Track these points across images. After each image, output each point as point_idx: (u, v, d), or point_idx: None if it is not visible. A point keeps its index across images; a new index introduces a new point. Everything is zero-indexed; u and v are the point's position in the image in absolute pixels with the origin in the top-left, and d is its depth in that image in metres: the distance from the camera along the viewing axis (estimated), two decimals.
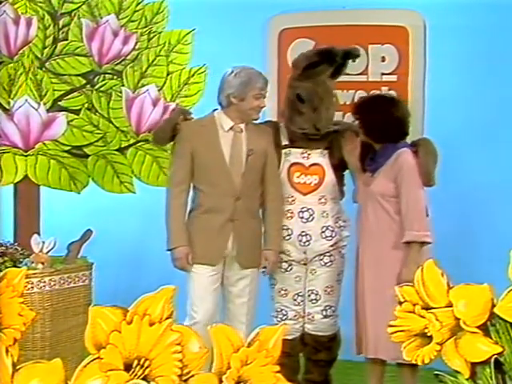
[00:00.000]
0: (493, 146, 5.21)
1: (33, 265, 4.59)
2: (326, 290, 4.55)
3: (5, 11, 4.77)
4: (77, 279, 4.78)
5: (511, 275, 3.00)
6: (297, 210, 4.50)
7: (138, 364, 2.80)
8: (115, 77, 5.05)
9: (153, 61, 5.09)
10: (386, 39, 5.39)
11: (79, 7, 4.97)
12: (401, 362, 4.07)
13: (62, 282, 4.68)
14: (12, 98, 4.81)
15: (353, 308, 4.47)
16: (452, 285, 3.09)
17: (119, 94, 4.98)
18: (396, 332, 3.12)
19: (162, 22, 5.13)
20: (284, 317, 4.56)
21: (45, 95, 4.90)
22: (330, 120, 4.52)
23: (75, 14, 4.96)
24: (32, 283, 4.52)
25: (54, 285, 4.64)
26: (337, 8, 5.45)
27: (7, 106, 4.82)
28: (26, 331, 3.21)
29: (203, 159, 4.31)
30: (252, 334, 2.92)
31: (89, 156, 5.04)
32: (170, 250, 4.34)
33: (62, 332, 4.68)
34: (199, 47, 5.14)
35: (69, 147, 4.97)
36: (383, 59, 5.42)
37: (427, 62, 5.34)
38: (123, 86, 4.99)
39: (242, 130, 4.36)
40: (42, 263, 4.61)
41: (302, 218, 4.50)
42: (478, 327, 3.03)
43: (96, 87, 5.02)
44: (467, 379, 3.04)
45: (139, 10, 5.09)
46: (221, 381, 2.86)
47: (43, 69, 4.92)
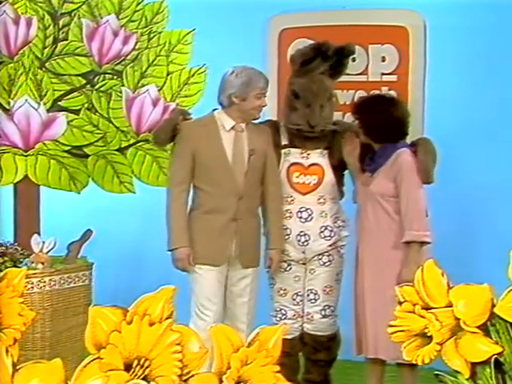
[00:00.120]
0: (493, 145, 5.21)
1: (33, 265, 4.59)
2: (324, 290, 4.56)
3: (5, 11, 4.77)
4: (77, 279, 4.78)
5: (511, 275, 3.00)
6: (295, 210, 4.50)
7: (137, 364, 2.80)
8: (115, 77, 5.05)
9: (153, 61, 5.09)
10: (385, 39, 5.40)
11: (79, 7, 4.97)
12: (401, 362, 4.07)
13: (62, 281, 4.69)
14: (12, 98, 4.81)
15: (352, 308, 4.47)
16: (452, 285, 3.09)
17: (119, 94, 4.98)
18: (396, 332, 3.12)
19: (162, 21, 5.13)
20: (283, 316, 4.56)
21: (45, 95, 4.90)
22: (325, 118, 4.50)
23: (75, 14, 4.96)
24: (32, 283, 4.52)
25: (54, 285, 4.65)
26: (337, 8, 5.45)
27: (7, 106, 4.82)
28: (26, 331, 3.21)
29: (205, 159, 4.30)
30: (252, 334, 2.92)
31: (89, 156, 5.04)
32: (170, 250, 4.34)
33: (62, 332, 4.69)
34: (199, 47, 5.14)
35: (69, 147, 4.97)
36: (383, 59, 5.42)
37: (427, 62, 5.35)
38: (123, 86, 4.99)
39: (243, 129, 4.36)
40: (42, 263, 4.61)
41: (300, 217, 4.50)
42: (478, 327, 3.03)
43: (96, 87, 5.02)
44: (467, 379, 3.04)
45: (139, 10, 5.09)
46: (221, 381, 2.86)
47: (43, 69, 4.92)
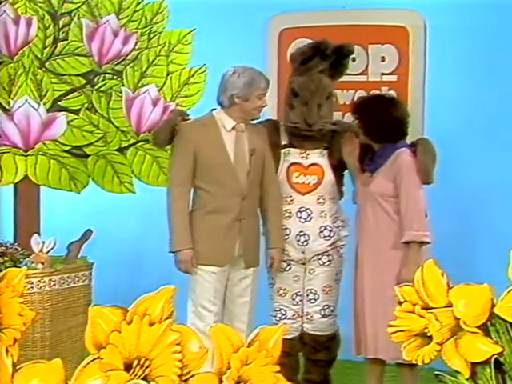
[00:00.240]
0: (493, 146, 5.21)
1: (33, 265, 4.59)
2: (324, 290, 4.56)
3: (5, 11, 4.77)
4: (77, 279, 4.78)
5: (511, 275, 3.00)
6: (295, 210, 4.51)
7: (137, 364, 2.80)
8: (115, 77, 5.04)
9: (153, 61, 5.09)
10: (386, 39, 5.40)
11: (79, 7, 4.96)
12: (400, 362, 4.07)
13: (61, 281, 4.68)
14: (12, 98, 4.81)
15: (352, 308, 4.47)
16: (452, 285, 3.09)
17: (119, 94, 4.98)
18: (396, 332, 3.11)
19: (162, 21, 5.12)
20: (283, 316, 4.56)
21: (45, 95, 4.90)
22: (323, 118, 4.50)
23: (75, 14, 4.96)
24: (32, 283, 4.51)
25: (54, 285, 4.64)
26: (337, 8, 5.45)
27: (7, 106, 4.81)
28: (26, 331, 3.21)
29: (207, 159, 4.29)
30: (252, 334, 2.92)
31: (89, 156, 5.03)
32: (173, 252, 4.31)
33: (62, 332, 4.69)
34: (199, 47, 5.14)
35: (69, 147, 4.96)
36: (383, 59, 5.43)
37: (427, 62, 5.35)
38: (123, 86, 4.98)
39: (243, 129, 4.36)
40: (42, 263, 4.61)
41: (300, 217, 4.50)
42: (478, 327, 3.03)
43: (96, 87, 5.02)
44: (467, 379, 3.04)
45: (139, 10, 5.08)
46: (221, 381, 2.86)
47: (43, 69, 4.91)
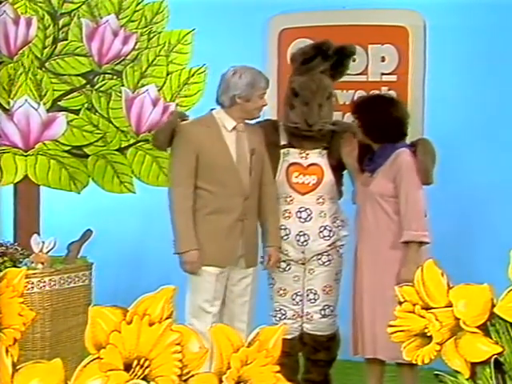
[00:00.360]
0: (493, 146, 5.21)
1: (33, 265, 4.59)
2: (324, 290, 4.56)
3: (5, 11, 4.77)
4: (77, 279, 4.77)
5: (511, 275, 3.00)
6: (295, 210, 4.51)
7: (137, 364, 2.80)
8: (115, 77, 5.04)
9: (153, 61, 5.09)
10: (386, 39, 5.40)
11: (79, 7, 4.96)
12: (400, 362, 4.07)
13: (62, 281, 4.68)
14: (12, 98, 4.81)
15: (351, 308, 4.47)
16: (452, 285, 3.09)
17: (119, 94, 4.98)
18: (396, 332, 3.11)
19: (161, 21, 5.12)
20: (283, 316, 4.56)
21: (45, 95, 4.89)
22: (324, 118, 4.50)
23: (75, 14, 4.96)
24: (32, 283, 4.51)
25: (54, 285, 4.64)
26: (337, 8, 5.45)
27: (7, 106, 4.81)
28: (26, 331, 3.20)
29: (210, 159, 4.27)
30: (252, 333, 2.93)
31: (89, 156, 5.03)
32: (178, 253, 4.28)
33: (62, 332, 4.69)
34: (199, 47, 5.14)
35: (69, 147, 4.96)
36: (383, 59, 5.43)
37: (427, 61, 5.35)
38: (123, 86, 4.98)
39: (243, 129, 4.36)
40: (42, 263, 4.61)
41: (299, 217, 4.50)
42: (478, 327, 3.03)
43: (96, 87, 5.02)
44: (467, 379, 3.04)
45: (139, 10, 5.08)
46: (221, 381, 2.86)
47: (43, 69, 4.91)
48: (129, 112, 4.94)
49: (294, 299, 4.57)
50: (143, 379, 2.81)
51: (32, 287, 4.52)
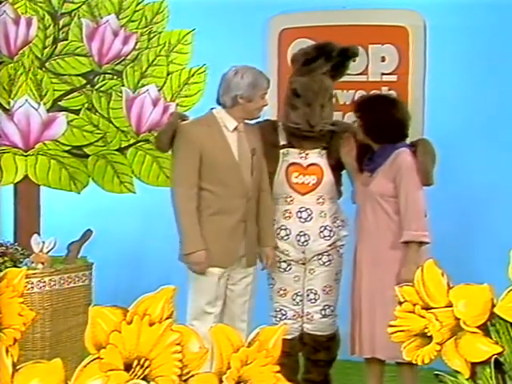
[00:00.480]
0: (493, 146, 5.21)
1: (33, 265, 4.59)
2: (324, 290, 4.56)
3: (5, 11, 4.77)
4: (77, 279, 4.78)
5: (511, 275, 3.00)
6: (295, 210, 4.51)
7: (137, 364, 2.80)
8: (115, 77, 5.04)
9: (153, 61, 5.09)
10: (386, 39, 5.40)
11: (79, 7, 4.96)
12: (400, 362, 4.06)
13: (62, 281, 4.68)
14: (12, 98, 4.81)
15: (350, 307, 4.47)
16: (452, 285, 3.09)
17: (119, 94, 4.98)
18: (396, 332, 3.12)
19: (162, 21, 5.13)
20: (283, 317, 4.56)
21: (45, 95, 4.90)
22: (325, 118, 4.51)
23: (75, 14, 4.96)
24: (32, 283, 4.51)
25: (54, 285, 4.64)
26: (337, 8, 5.45)
27: (7, 106, 4.82)
28: (26, 331, 3.20)
29: (213, 160, 4.25)
30: (252, 333, 2.93)
31: (89, 156, 5.04)
32: (186, 254, 4.26)
33: (62, 332, 4.69)
34: (199, 47, 5.14)
35: (69, 147, 4.97)
36: (383, 59, 5.43)
37: (427, 61, 5.35)
38: (123, 86, 4.98)
39: (243, 129, 4.36)
40: (42, 263, 4.61)
41: (300, 217, 4.50)
42: (478, 327, 3.03)
43: (96, 87, 5.02)
44: (467, 379, 3.04)
45: (139, 10, 5.08)
46: (221, 381, 2.86)
47: (43, 69, 4.92)
48: (129, 112, 4.94)
49: (294, 299, 4.57)
50: (143, 379, 2.81)
51: (32, 287, 4.52)
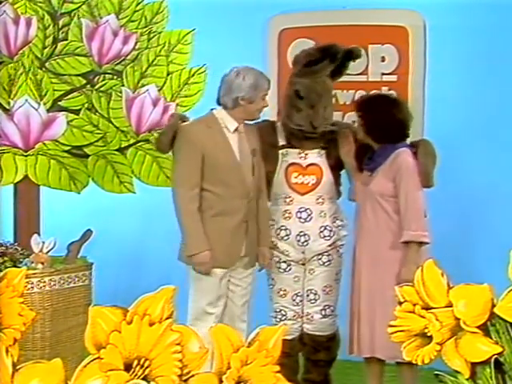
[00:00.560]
0: (493, 146, 5.21)
1: (33, 265, 4.59)
2: (324, 290, 4.56)
3: (5, 11, 4.77)
4: (77, 279, 4.77)
5: (511, 275, 3.00)
6: (295, 211, 4.51)
7: (137, 364, 2.80)
8: (115, 77, 5.04)
9: (153, 61, 5.09)
10: (386, 39, 5.40)
11: (79, 7, 4.96)
12: (400, 362, 4.06)
13: (61, 282, 4.68)
14: (12, 98, 4.81)
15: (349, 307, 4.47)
16: (452, 285, 3.09)
17: (119, 94, 4.98)
18: (396, 332, 3.12)
19: (161, 21, 5.12)
20: (283, 317, 4.56)
21: (45, 95, 4.90)
22: (327, 119, 4.52)
23: (75, 14, 4.96)
24: (32, 283, 4.51)
25: (54, 285, 4.64)
26: (337, 8, 5.45)
27: (7, 106, 4.82)
28: (26, 331, 3.20)
29: (215, 161, 4.24)
30: (252, 333, 2.93)
31: (89, 156, 5.03)
32: (191, 255, 4.25)
33: (62, 332, 4.69)
34: (199, 47, 5.14)
35: (69, 147, 4.97)
36: (383, 59, 5.43)
37: (427, 61, 5.35)
38: (123, 86, 4.98)
39: (243, 130, 4.35)
40: (42, 263, 4.61)
41: (300, 218, 4.50)
42: (478, 327, 3.03)
43: (96, 87, 5.02)
44: (467, 379, 3.04)
45: (139, 10, 5.08)
46: (221, 381, 2.87)
47: (43, 69, 4.91)
48: (129, 112, 4.94)
49: (294, 300, 4.56)
50: (143, 379, 2.81)
51: (32, 287, 4.52)
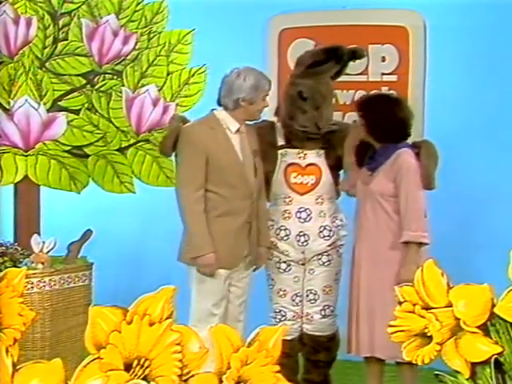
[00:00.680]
0: (493, 146, 5.21)
1: (33, 265, 4.59)
2: (324, 290, 4.56)
3: (5, 11, 4.77)
4: (77, 279, 4.78)
5: (511, 275, 3.00)
6: (294, 211, 4.51)
7: (137, 364, 2.80)
8: (115, 77, 5.04)
9: (153, 61, 5.09)
10: (386, 39, 5.40)
11: (79, 7, 4.96)
12: (400, 361, 4.06)
13: (62, 282, 4.68)
14: (12, 98, 4.81)
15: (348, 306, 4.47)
16: (452, 285, 3.09)
17: (119, 94, 4.98)
18: (396, 332, 3.12)
19: (161, 21, 5.12)
20: (283, 317, 4.56)
21: (45, 95, 4.90)
22: (330, 120, 4.54)
23: (75, 14, 4.96)
24: (32, 283, 4.51)
25: (54, 285, 4.64)
26: (337, 8, 5.46)
27: (7, 106, 4.82)
28: (26, 331, 3.21)
29: (219, 162, 4.23)
30: (252, 333, 2.93)
31: (89, 156, 5.03)
32: (196, 257, 4.24)
33: (62, 332, 4.69)
34: (199, 47, 5.14)
35: (69, 147, 4.97)
36: (383, 59, 5.43)
37: (427, 61, 5.35)
38: (123, 86, 4.98)
39: (244, 131, 4.35)
40: (42, 263, 4.61)
41: (299, 218, 4.50)
42: (478, 327, 3.03)
43: (96, 87, 5.02)
44: (467, 379, 3.05)
45: (139, 10, 5.08)
46: (221, 381, 2.87)
47: (43, 69, 4.91)
48: (129, 112, 4.94)
49: (293, 300, 4.56)
50: (143, 379, 2.81)
51: (32, 287, 4.52)
